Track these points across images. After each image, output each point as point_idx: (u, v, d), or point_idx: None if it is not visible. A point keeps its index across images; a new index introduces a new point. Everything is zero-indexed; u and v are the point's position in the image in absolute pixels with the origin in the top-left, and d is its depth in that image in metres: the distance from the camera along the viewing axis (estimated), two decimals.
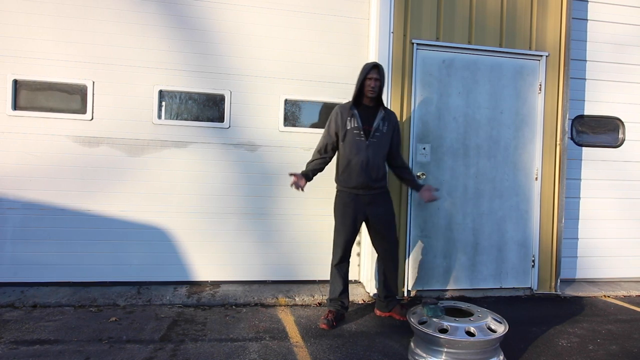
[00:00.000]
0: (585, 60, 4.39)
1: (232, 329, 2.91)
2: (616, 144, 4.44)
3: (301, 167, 3.87)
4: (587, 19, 4.40)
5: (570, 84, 4.16)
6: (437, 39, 3.82)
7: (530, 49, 3.97)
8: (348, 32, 3.98)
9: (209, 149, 3.77)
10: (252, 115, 3.84)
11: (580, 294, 4.00)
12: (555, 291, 3.96)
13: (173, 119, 3.74)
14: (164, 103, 3.73)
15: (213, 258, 3.78)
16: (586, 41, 4.41)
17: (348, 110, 3.10)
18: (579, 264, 4.34)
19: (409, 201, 3.74)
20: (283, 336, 2.84)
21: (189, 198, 3.74)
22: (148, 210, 3.69)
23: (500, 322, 2.58)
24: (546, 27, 4.00)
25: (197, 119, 3.78)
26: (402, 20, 3.74)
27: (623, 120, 4.44)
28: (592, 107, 4.41)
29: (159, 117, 3.71)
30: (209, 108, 3.81)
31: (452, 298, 3.73)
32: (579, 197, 4.33)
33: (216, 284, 3.76)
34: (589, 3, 4.41)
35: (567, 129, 4.01)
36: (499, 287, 3.90)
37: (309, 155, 3.89)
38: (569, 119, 4.24)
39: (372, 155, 3.05)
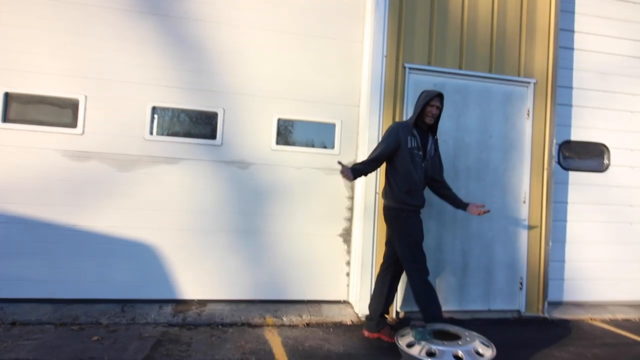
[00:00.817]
0: (572, 88, 4.51)
1: (218, 350, 2.86)
2: (602, 169, 4.54)
3: (293, 186, 3.90)
4: (573, 48, 4.55)
5: (557, 110, 4.27)
6: (429, 64, 3.91)
7: (518, 75, 4.08)
8: (341, 54, 4.05)
9: (200, 166, 3.76)
10: (244, 133, 3.85)
11: (567, 316, 4.02)
12: (543, 314, 3.97)
13: (165, 135, 3.74)
14: (156, 119, 3.74)
15: (201, 276, 3.74)
16: (572, 69, 4.54)
17: (409, 129, 3.16)
18: (565, 286, 4.37)
19: None
20: (269, 358, 2.79)
21: (178, 214, 3.71)
22: (136, 227, 3.65)
23: (488, 346, 2.57)
24: (534, 55, 4.12)
25: (189, 135, 3.78)
26: (395, 44, 3.82)
27: (608, 146, 4.55)
28: (579, 133, 4.51)
29: (151, 132, 3.71)
30: (201, 125, 3.82)
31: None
32: (566, 221, 4.39)
33: (203, 302, 3.70)
34: (576, 33, 4.56)
35: (554, 153, 4.10)
36: (487, 309, 3.90)
37: (300, 174, 3.92)
38: (556, 144, 4.33)
39: (425, 177, 3.22)
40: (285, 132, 3.97)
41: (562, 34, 4.44)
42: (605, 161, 4.55)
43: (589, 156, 4.53)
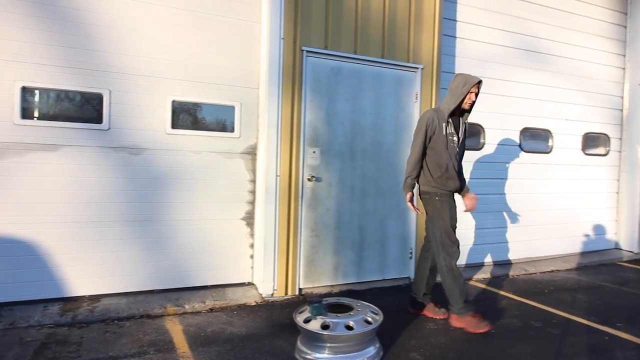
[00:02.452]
0: (454, 73, 4.96)
1: (113, 346, 2.75)
2: (478, 147, 5.12)
3: (192, 171, 3.79)
4: (456, 37, 4.98)
5: (441, 94, 4.67)
6: (326, 47, 4.00)
7: (408, 61, 4.37)
8: (240, 34, 3.96)
9: (85, 153, 3.47)
10: (135, 116, 3.62)
11: None
12: None
13: (40, 120, 3.36)
14: (28, 101, 3.33)
15: (92, 270, 3.51)
16: (455, 56, 4.98)
17: (444, 116, 3.19)
18: None
19: (300, 203, 3.88)
20: (169, 348, 2.76)
21: (61, 207, 3.41)
22: (10, 222, 3.28)
23: (377, 314, 2.83)
24: (421, 42, 4.43)
25: (70, 119, 3.44)
26: (292, 27, 3.83)
27: (484, 127, 5.13)
28: None
29: (22, 116, 3.31)
30: (84, 108, 3.49)
31: (341, 292, 3.98)
32: None
33: (96, 298, 3.49)
34: (458, 22, 4.98)
35: None
36: (382, 278, 4.26)
37: (200, 158, 3.82)
38: None
39: (458, 161, 3.30)
40: (182, 115, 3.81)
41: (446, 23, 4.83)
42: (482, 140, 5.13)
43: (468, 136, 5.06)
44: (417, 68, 4.39)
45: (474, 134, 5.10)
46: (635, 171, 6.05)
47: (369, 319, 2.75)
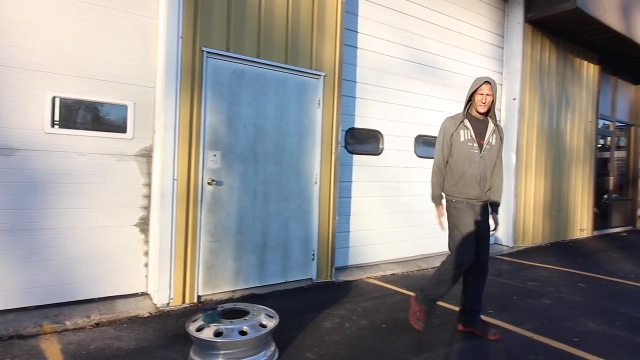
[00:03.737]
0: (356, 82, 5.23)
1: None
2: (377, 152, 5.44)
3: (77, 175, 3.47)
4: (357, 47, 5.24)
5: (343, 101, 4.89)
6: (228, 49, 3.95)
7: (311, 68, 4.49)
8: (137, 30, 3.73)
9: None
10: (7, 113, 3.23)
11: (350, 278, 4.78)
12: (331, 278, 4.62)
13: None
14: None
15: None
16: (356, 65, 5.25)
17: (459, 122, 3.14)
18: (350, 253, 5.18)
19: (199, 207, 3.78)
20: None
21: None
22: None
23: (272, 317, 2.87)
24: (324, 50, 4.59)
25: None
26: (191, 26, 3.72)
27: (382, 133, 5.48)
28: (361, 122, 5.29)
29: None
30: None
31: (242, 297, 3.95)
32: (350, 197, 5.15)
33: None
34: (359, 34, 5.25)
35: (339, 139, 4.71)
36: (284, 281, 4.32)
37: (86, 161, 3.52)
38: (342, 130, 4.99)
39: (484, 168, 3.12)
40: (66, 114, 3.48)
41: (347, 34, 5.07)
42: (380, 145, 5.47)
43: (368, 141, 5.38)
44: (319, 75, 4.54)
45: (374, 140, 5.41)
46: (510, 175, 6.91)
47: (264, 323, 2.77)
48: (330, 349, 2.99)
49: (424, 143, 5.96)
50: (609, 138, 9.67)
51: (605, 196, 9.54)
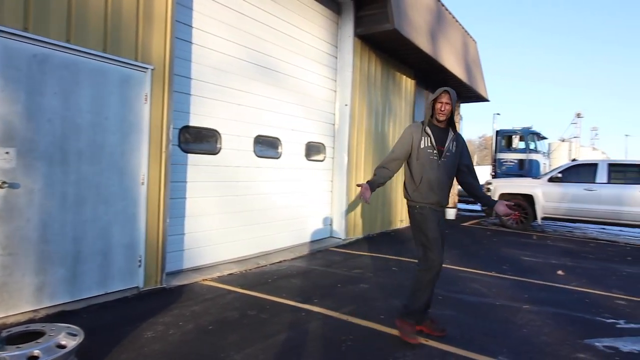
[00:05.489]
0: (191, 78, 5.05)
1: None
2: (215, 151, 5.37)
3: None
4: (192, 42, 5.06)
5: (175, 98, 4.67)
6: (26, 29, 3.38)
7: (136, 59, 4.15)
8: None
9: None
10: None
11: (184, 282, 4.60)
12: (161, 284, 4.38)
13: None
14: None
15: None
16: (191, 62, 5.06)
17: (421, 129, 3.24)
18: (185, 255, 4.99)
19: None
20: None
21: None
22: None
23: (75, 335, 2.58)
24: (152, 42, 4.29)
25: None
26: None
27: (220, 132, 5.42)
28: (197, 120, 5.13)
29: None
30: None
31: (47, 317, 3.44)
32: (185, 198, 4.96)
33: None
34: (194, 29, 5.07)
35: (171, 137, 4.48)
36: (104, 292, 3.92)
37: None
38: (175, 128, 4.76)
39: (443, 174, 3.23)
40: None
41: (181, 27, 4.85)
42: (219, 145, 5.41)
43: (205, 140, 5.26)
44: (146, 68, 4.23)
45: (212, 139, 5.32)
46: (343, 174, 7.61)
47: (63, 343, 2.48)
48: None
49: (262, 143, 6.11)
50: None
51: None
